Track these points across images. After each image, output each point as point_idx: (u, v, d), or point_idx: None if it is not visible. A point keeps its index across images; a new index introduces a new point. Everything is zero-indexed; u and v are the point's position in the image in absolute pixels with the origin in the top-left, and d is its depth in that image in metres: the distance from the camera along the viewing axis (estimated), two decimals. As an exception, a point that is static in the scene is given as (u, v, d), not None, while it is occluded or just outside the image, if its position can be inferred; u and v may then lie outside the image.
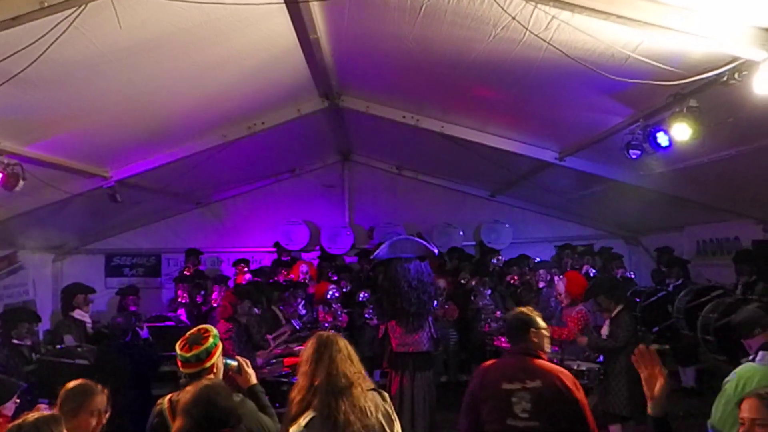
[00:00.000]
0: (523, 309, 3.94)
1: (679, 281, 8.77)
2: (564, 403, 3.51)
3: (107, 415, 3.34)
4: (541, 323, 3.79)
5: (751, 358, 3.62)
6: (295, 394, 3.00)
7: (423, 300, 6.91)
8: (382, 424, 2.96)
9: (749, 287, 7.38)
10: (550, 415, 3.49)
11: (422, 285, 6.96)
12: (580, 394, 3.58)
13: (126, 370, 5.83)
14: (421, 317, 6.88)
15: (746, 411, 2.58)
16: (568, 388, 3.55)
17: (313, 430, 2.82)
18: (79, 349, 6.49)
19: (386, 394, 3.16)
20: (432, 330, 7.01)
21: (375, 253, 7.74)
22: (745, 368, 3.55)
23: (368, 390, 3.04)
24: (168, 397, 3.38)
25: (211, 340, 3.42)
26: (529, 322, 3.73)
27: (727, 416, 3.36)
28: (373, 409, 2.94)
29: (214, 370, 3.42)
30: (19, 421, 2.66)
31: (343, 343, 3.12)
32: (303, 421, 2.85)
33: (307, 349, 3.10)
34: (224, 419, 2.66)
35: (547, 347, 3.81)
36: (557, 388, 3.52)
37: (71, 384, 3.31)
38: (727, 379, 3.55)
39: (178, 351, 3.38)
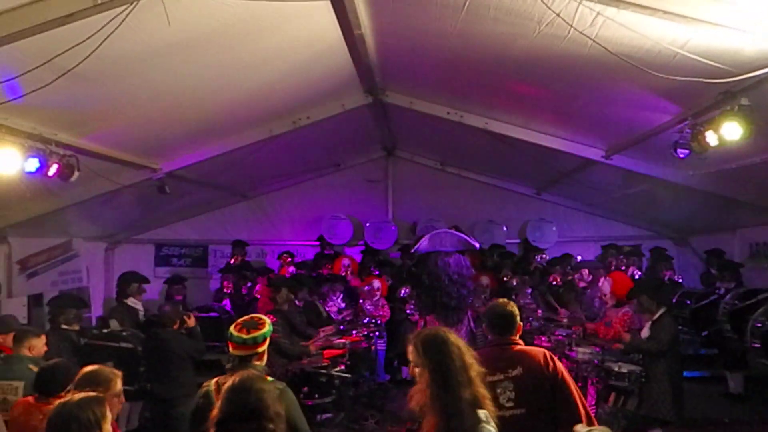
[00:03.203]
0: (504, 301, 3.93)
1: (732, 285, 8.52)
2: (545, 384, 3.56)
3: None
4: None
5: None
6: (445, 402, 2.81)
7: (462, 294, 6.91)
8: None
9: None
10: (534, 399, 3.55)
11: (462, 279, 6.96)
12: (559, 368, 3.63)
13: (171, 358, 6.01)
14: (460, 311, 6.88)
15: None
16: (548, 364, 3.60)
17: (491, 421, 2.85)
18: (123, 333, 6.71)
19: None
20: (471, 325, 7.00)
21: (415, 247, 7.74)
22: None
23: None
24: (215, 379, 3.50)
25: (267, 326, 3.59)
26: (515, 315, 3.79)
27: None
28: None
29: (263, 358, 3.55)
30: (64, 399, 2.78)
31: (444, 330, 3.08)
32: (482, 415, 2.81)
33: (424, 357, 2.94)
34: (252, 412, 2.64)
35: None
36: (538, 370, 3.58)
37: (89, 369, 3.43)
38: None
39: (234, 333, 3.52)
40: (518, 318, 3.81)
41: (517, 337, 3.78)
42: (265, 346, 3.54)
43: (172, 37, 4.65)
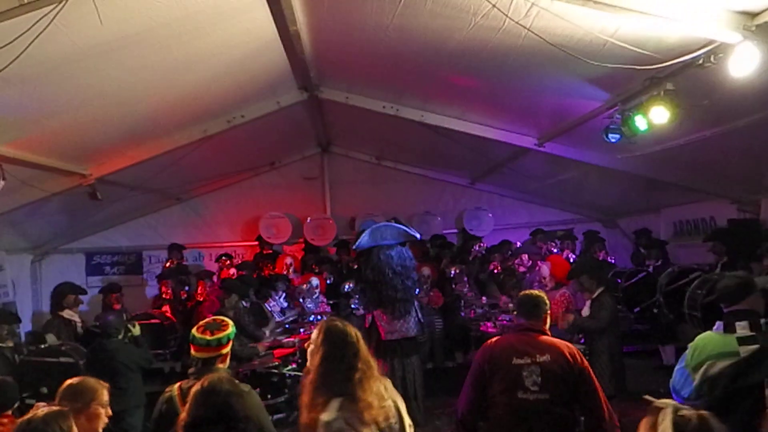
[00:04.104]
0: (534, 290, 4.20)
1: (659, 262, 8.95)
2: (571, 374, 3.74)
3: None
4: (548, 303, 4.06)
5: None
6: (315, 385, 3.00)
7: (408, 286, 6.94)
8: (395, 404, 3.07)
9: (727, 267, 7.54)
10: (559, 386, 3.71)
11: (406, 270, 6.98)
12: (585, 363, 3.84)
13: (119, 369, 5.82)
14: (407, 303, 6.90)
15: None
16: (575, 358, 3.80)
17: (345, 412, 2.89)
18: (63, 348, 6.46)
19: (389, 381, 3.21)
20: (419, 315, 7.05)
21: (357, 243, 7.74)
22: (703, 335, 3.75)
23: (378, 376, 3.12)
24: (177, 384, 3.43)
25: (230, 328, 3.56)
26: (544, 302, 3.99)
27: (683, 379, 3.63)
28: (384, 392, 3.05)
29: (226, 360, 3.50)
30: (28, 416, 2.66)
31: (355, 331, 3.16)
32: (335, 403, 2.90)
33: (321, 342, 3.07)
34: (222, 414, 2.64)
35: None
36: (565, 360, 3.76)
37: (74, 381, 3.29)
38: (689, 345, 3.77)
39: (197, 335, 3.46)
40: (547, 306, 3.98)
41: (546, 327, 3.95)
42: (228, 348, 3.50)
43: (104, 37, 4.47)
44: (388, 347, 6.88)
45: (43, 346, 6.61)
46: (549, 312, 4.00)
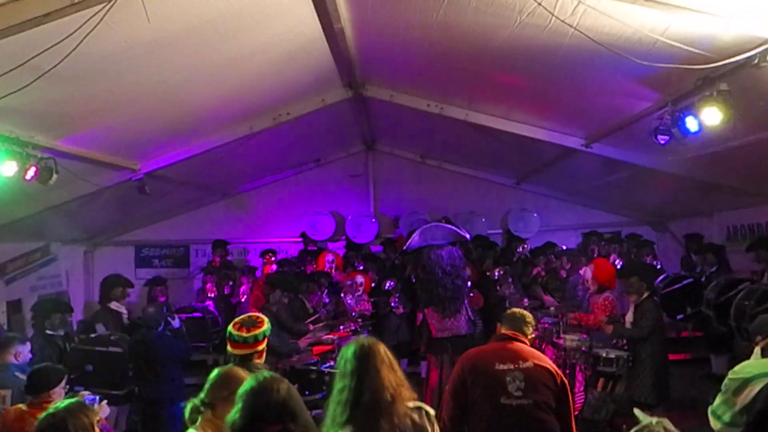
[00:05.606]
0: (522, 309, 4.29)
1: (714, 268, 8.64)
2: (552, 383, 3.77)
3: None
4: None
5: None
6: (335, 406, 2.86)
7: (457, 285, 7.02)
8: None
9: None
10: (542, 392, 3.72)
11: (456, 270, 7.07)
12: (565, 380, 3.88)
13: (159, 360, 5.95)
14: (457, 301, 6.99)
15: None
16: (557, 375, 3.84)
17: None
18: (111, 338, 6.66)
19: (431, 411, 3.03)
20: (469, 313, 7.10)
21: (407, 244, 7.79)
22: (741, 364, 3.85)
23: (412, 406, 2.93)
24: None
25: (266, 324, 3.62)
26: (529, 318, 4.08)
27: (723, 404, 3.69)
28: (409, 427, 2.86)
29: (263, 356, 3.55)
30: (53, 408, 2.73)
31: (384, 350, 2.99)
32: None
33: (346, 360, 2.92)
34: (279, 413, 2.54)
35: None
36: (548, 372, 3.80)
37: (222, 369, 3.20)
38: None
39: (233, 332, 3.51)
40: (531, 321, 4.06)
41: (527, 339, 3.98)
42: (264, 344, 3.55)
43: (152, 35, 4.57)
44: (439, 345, 6.97)
45: (93, 336, 6.83)
46: (534, 333, 4.09)
